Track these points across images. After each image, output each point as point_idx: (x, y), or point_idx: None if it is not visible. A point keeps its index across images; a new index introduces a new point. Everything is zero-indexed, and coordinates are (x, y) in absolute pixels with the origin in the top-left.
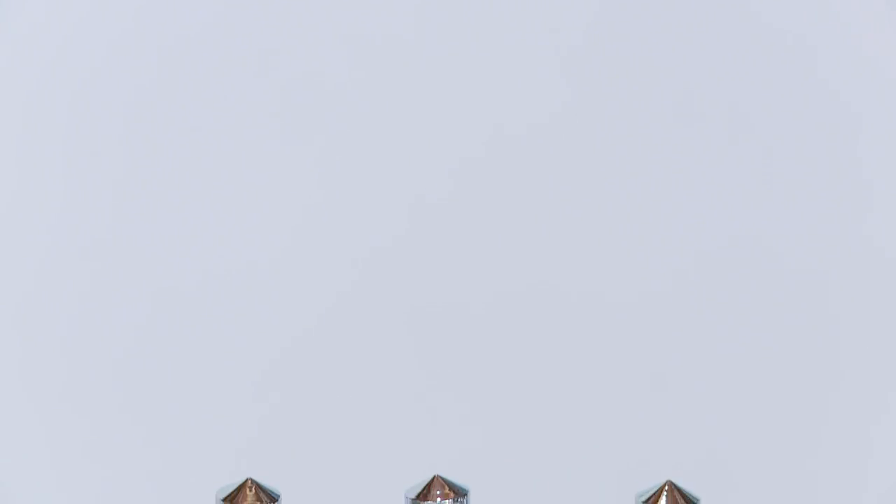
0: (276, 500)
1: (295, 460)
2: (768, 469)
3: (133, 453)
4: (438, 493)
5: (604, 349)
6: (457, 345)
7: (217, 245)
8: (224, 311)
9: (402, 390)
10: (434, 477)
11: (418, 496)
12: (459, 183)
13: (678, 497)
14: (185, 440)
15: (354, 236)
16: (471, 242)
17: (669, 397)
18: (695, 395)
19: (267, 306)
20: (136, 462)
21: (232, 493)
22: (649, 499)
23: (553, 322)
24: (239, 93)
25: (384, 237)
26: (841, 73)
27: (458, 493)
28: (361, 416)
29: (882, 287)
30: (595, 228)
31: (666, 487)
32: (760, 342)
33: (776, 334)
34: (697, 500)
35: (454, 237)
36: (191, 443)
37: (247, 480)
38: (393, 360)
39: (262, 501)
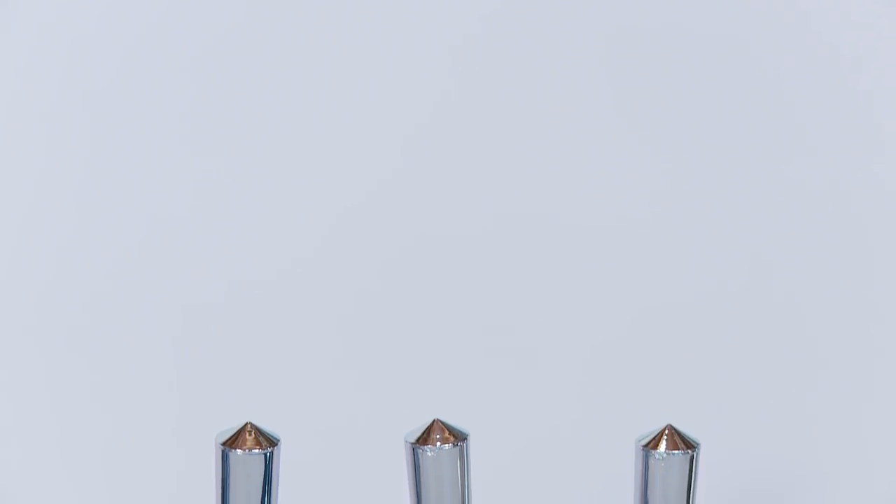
0: (276, 444)
1: (294, 405)
2: (769, 411)
3: (131, 397)
4: (438, 437)
5: (607, 288)
6: (454, 287)
7: (211, 178)
8: (221, 248)
9: (401, 334)
10: (434, 421)
11: (418, 440)
12: (447, 106)
13: (678, 441)
14: (184, 384)
15: (346, 170)
16: (465, 173)
17: (671, 339)
18: (697, 336)
19: (264, 247)
20: (135, 406)
21: (231, 437)
22: (649, 443)
23: (554, 261)
24: (224, 40)
25: (376, 170)
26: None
27: (458, 437)
28: (361, 360)
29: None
30: (595, 154)
31: (666, 431)
32: (762, 281)
33: (778, 271)
34: (697, 443)
35: (447, 167)
36: (190, 387)
37: (246, 424)
38: (392, 303)
39: (261, 445)
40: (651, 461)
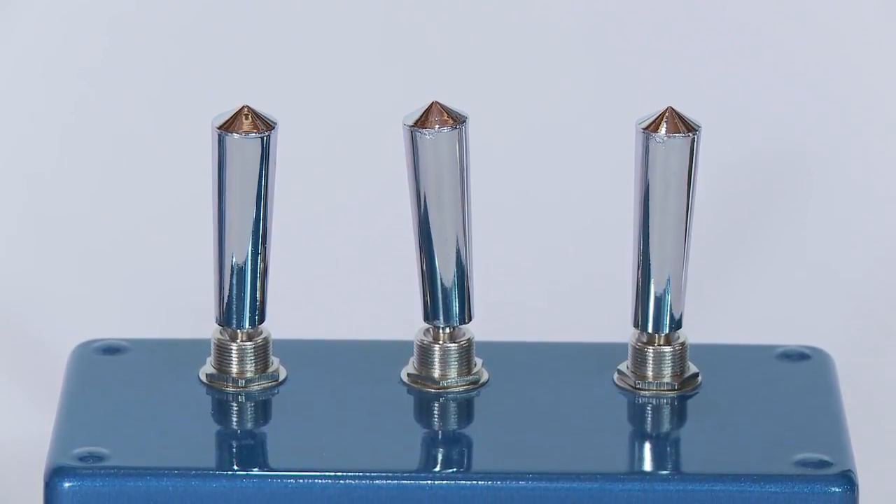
0: (273, 128)
1: (291, 88)
2: (770, 94)
3: (130, 80)
4: (437, 119)
5: None
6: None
7: None
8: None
9: (404, 35)
10: (432, 103)
11: (416, 123)
12: None
13: (679, 123)
14: (182, 70)
15: None
16: None
17: (674, 19)
18: (702, 18)
19: None
20: (134, 91)
21: (227, 120)
22: (649, 125)
23: None
24: None
25: None
26: None
27: (457, 119)
28: (359, 45)
29: None
30: None
31: (666, 114)
32: None
33: None
34: (699, 126)
35: None
36: (187, 71)
37: (243, 107)
38: (392, 23)
39: (258, 128)
40: (651, 144)
